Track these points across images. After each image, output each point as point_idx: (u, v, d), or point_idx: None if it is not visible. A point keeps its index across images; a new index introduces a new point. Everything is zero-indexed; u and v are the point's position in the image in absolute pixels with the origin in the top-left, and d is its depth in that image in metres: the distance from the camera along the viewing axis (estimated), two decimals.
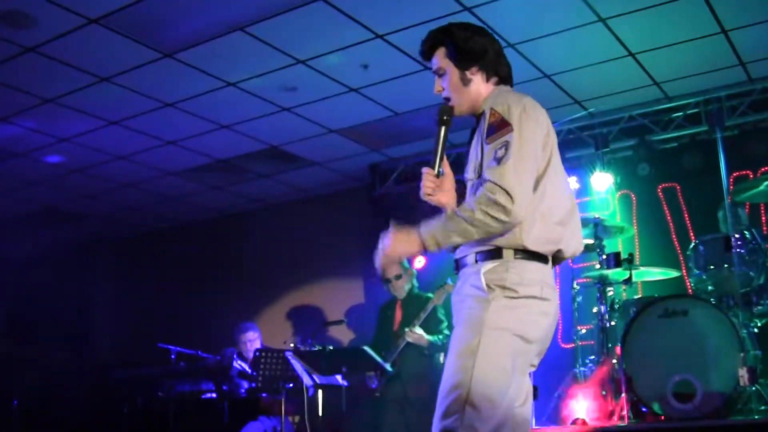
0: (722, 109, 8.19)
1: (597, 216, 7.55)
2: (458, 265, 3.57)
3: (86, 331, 13.03)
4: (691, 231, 8.34)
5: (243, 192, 11.00)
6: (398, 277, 8.11)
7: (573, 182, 8.84)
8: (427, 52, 3.73)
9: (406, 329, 7.61)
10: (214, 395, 8.45)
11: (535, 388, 7.48)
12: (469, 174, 3.55)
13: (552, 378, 7.67)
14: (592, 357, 7.44)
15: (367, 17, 6.86)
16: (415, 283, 8.24)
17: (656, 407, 6.36)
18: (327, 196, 11.15)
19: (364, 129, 9.13)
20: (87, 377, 9.71)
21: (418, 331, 7.60)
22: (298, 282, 10.77)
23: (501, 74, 3.70)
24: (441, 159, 3.62)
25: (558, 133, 8.78)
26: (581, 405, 7.03)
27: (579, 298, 7.71)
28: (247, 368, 8.56)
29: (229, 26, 6.91)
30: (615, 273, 7.15)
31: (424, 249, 3.41)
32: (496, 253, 3.39)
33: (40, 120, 8.62)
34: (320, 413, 8.10)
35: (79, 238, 12.96)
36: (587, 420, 6.77)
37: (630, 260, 7.11)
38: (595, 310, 7.34)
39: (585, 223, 7.49)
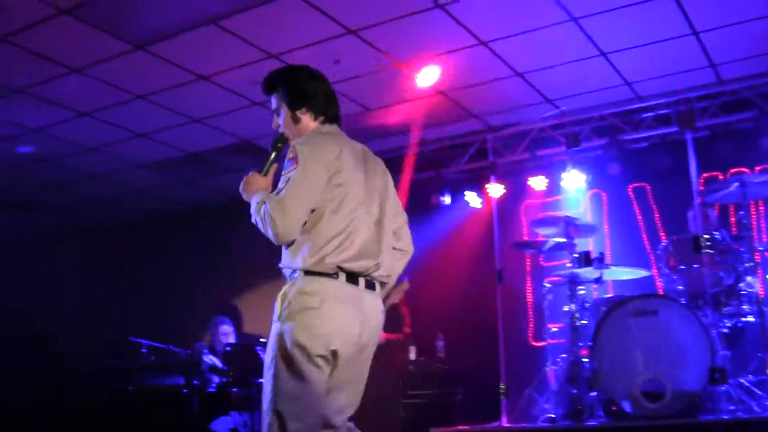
0: (692, 110, 8.21)
1: (568, 215, 7.57)
2: None
3: (52, 322, 12.93)
4: (661, 231, 8.38)
5: (214, 185, 10.93)
6: None
7: (542, 181, 8.88)
8: (267, 91, 4.24)
9: None
10: (184, 390, 8.40)
11: (506, 387, 7.59)
12: None
13: (523, 376, 7.71)
14: (563, 355, 7.46)
15: (340, 12, 6.85)
16: None
17: (626, 406, 6.38)
18: None
19: None
20: (54, 370, 9.63)
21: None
22: (272, 275, 10.68)
23: (328, 114, 4.21)
24: (267, 168, 4.09)
25: (528, 132, 8.87)
26: (552, 403, 7.06)
27: (550, 297, 7.72)
28: (217, 363, 8.52)
29: (202, 19, 6.88)
30: (586, 272, 7.18)
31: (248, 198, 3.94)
32: (290, 276, 3.85)
33: (10, 110, 8.53)
34: None
35: (47, 228, 12.84)
36: (557, 419, 6.80)
37: (601, 259, 7.15)
38: (566, 308, 7.36)
39: (556, 221, 7.52)
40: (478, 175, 9.34)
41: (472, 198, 9.39)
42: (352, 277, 3.86)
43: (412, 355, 8.65)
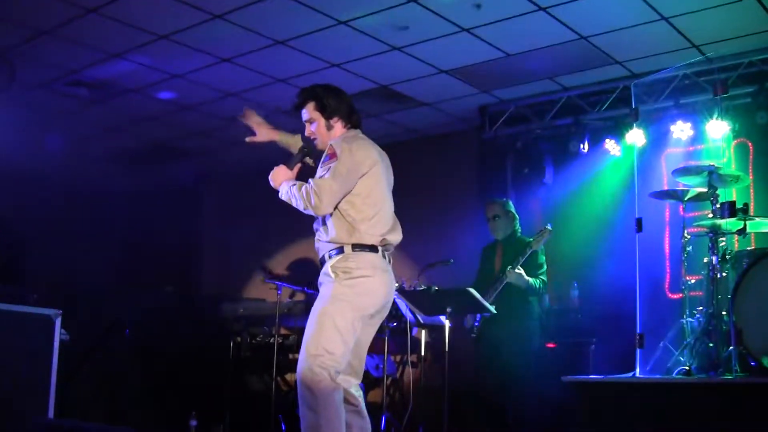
0: None
1: (712, 164, 7.34)
2: (321, 262, 5.12)
3: (195, 265, 13.31)
4: None
5: None
6: (496, 217, 8.13)
7: (685, 129, 8.64)
8: (301, 104, 5.23)
9: (508, 268, 7.61)
10: None
11: (641, 336, 7.48)
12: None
13: (658, 328, 7.59)
14: (701, 308, 7.30)
15: None
16: (518, 227, 8.21)
17: (766, 361, 6.21)
18: (435, 137, 11.11)
19: (474, 70, 9.03)
20: (195, 310, 9.93)
21: (519, 270, 7.60)
22: (404, 223, 10.75)
23: (353, 121, 5.27)
24: (293, 165, 5.29)
25: (672, 79, 8.61)
26: (687, 356, 6.93)
27: (689, 248, 7.52)
28: None
29: None
30: (728, 223, 6.97)
31: (276, 188, 5.17)
32: (340, 250, 4.96)
33: (154, 56, 8.75)
34: (422, 352, 8.15)
35: (189, 174, 13.17)
36: (693, 371, 6.67)
37: (745, 210, 6.92)
38: (705, 260, 7.19)
39: (699, 170, 7.31)
40: (618, 123, 9.15)
41: (611, 146, 9.22)
42: (384, 255, 5.04)
43: (546, 303, 8.62)
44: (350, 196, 4.98)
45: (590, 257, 8.96)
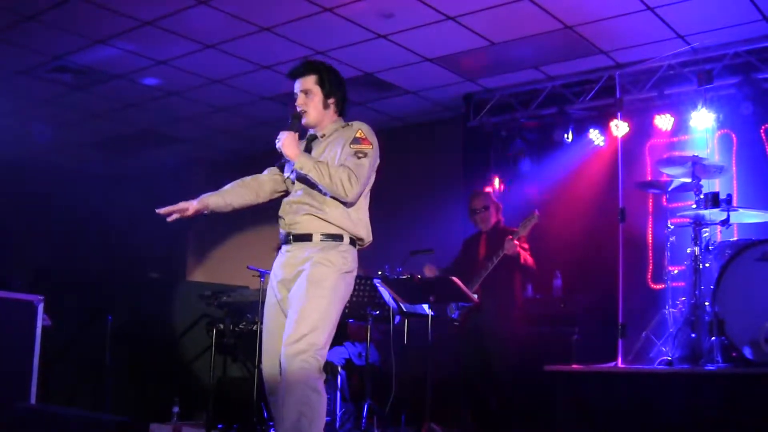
0: None
1: (695, 155, 7.35)
2: (296, 238, 4.80)
3: (179, 251, 13.28)
4: None
5: None
6: (486, 208, 8.10)
7: (669, 120, 8.66)
8: (302, 73, 4.94)
9: (506, 242, 7.56)
10: None
11: (623, 326, 7.51)
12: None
13: (640, 318, 7.60)
14: (683, 298, 7.33)
15: None
16: (501, 217, 8.20)
17: (747, 352, 6.24)
18: (420, 125, 11.09)
19: (459, 58, 9.03)
20: (179, 296, 9.90)
21: (516, 242, 7.59)
22: (389, 211, 10.74)
23: (343, 108, 5.05)
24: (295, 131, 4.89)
25: (657, 69, 8.63)
26: (669, 346, 6.96)
27: (672, 238, 7.55)
28: None
29: None
30: (712, 213, 6.98)
31: (293, 159, 4.78)
32: (340, 238, 4.73)
33: (138, 42, 8.71)
34: (405, 341, 8.15)
35: (174, 160, 13.15)
36: (675, 362, 6.70)
37: (728, 201, 6.94)
38: (688, 250, 7.20)
39: (682, 161, 7.32)
40: (602, 113, 9.18)
41: (595, 136, 9.24)
42: None
43: (529, 293, 8.64)
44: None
45: (573, 247, 8.97)
